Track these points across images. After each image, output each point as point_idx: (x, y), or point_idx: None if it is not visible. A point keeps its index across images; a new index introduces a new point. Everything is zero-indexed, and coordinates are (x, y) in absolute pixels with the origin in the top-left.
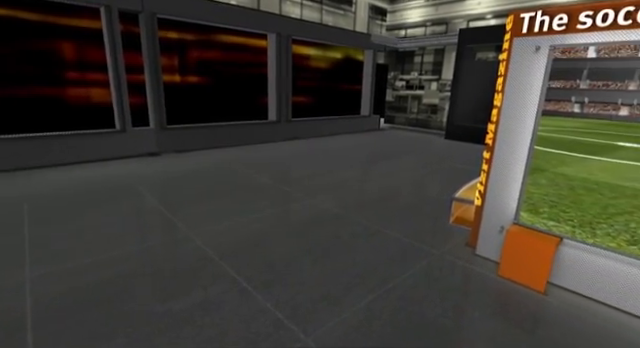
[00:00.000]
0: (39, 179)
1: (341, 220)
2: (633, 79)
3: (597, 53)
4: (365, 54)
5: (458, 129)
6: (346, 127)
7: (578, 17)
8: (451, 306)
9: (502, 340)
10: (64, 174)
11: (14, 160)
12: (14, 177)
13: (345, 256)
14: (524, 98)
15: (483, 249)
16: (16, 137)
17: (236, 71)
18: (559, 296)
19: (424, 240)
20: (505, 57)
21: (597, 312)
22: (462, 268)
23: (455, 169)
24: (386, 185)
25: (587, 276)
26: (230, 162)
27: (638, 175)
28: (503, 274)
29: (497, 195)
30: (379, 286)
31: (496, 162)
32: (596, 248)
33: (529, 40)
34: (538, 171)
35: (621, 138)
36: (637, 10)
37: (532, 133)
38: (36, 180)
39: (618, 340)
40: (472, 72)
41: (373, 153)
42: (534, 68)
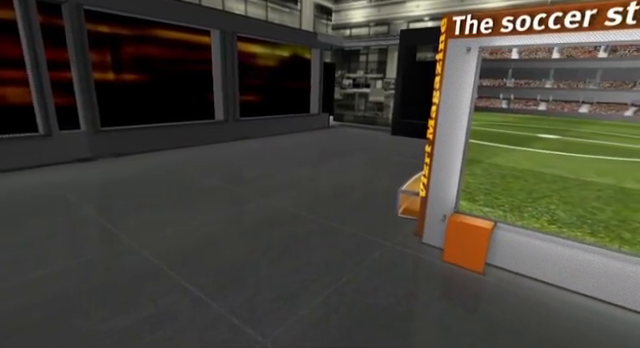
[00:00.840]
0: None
1: (296, 219)
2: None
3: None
4: (312, 53)
5: (403, 125)
6: (296, 125)
7: (501, 22)
8: (403, 293)
9: (449, 320)
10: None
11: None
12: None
13: (301, 254)
14: (459, 95)
15: (429, 237)
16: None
17: (178, 69)
18: (496, 275)
19: (376, 233)
20: (441, 57)
21: (528, 286)
22: (411, 257)
23: (402, 163)
24: (338, 182)
25: (518, 255)
26: (176, 165)
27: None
28: (447, 259)
29: (439, 186)
30: (335, 281)
31: (437, 155)
32: (524, 229)
33: (461, 41)
34: (474, 162)
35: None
36: (548, 17)
37: (467, 127)
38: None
39: (545, 308)
40: (413, 71)
41: (324, 151)
42: (466, 67)
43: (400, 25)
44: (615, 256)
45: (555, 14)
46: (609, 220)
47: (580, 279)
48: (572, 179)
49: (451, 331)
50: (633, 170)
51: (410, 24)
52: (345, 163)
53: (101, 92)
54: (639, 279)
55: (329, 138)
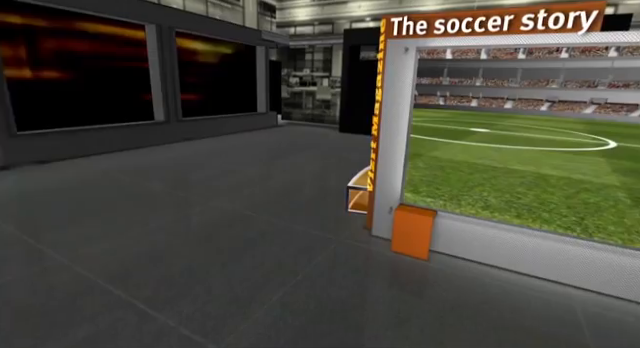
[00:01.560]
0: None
1: (247, 220)
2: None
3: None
4: (257, 50)
5: (350, 122)
6: (243, 125)
7: (434, 24)
8: (355, 286)
9: (399, 307)
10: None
11: None
12: None
13: (254, 256)
14: (399, 93)
15: (378, 229)
16: None
17: (110, 65)
18: (439, 260)
19: (328, 229)
20: (382, 56)
21: (467, 267)
22: (362, 249)
23: (350, 159)
24: (289, 180)
25: (457, 240)
26: (111, 170)
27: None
28: (395, 249)
29: (385, 180)
30: (289, 280)
31: (381, 151)
32: (461, 216)
33: (399, 42)
34: (416, 156)
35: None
36: (474, 21)
37: (408, 123)
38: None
39: (482, 286)
40: (358, 70)
41: (273, 149)
42: (405, 66)
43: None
44: (536, 234)
45: (480, 18)
46: (531, 203)
47: (509, 257)
48: (500, 168)
49: (401, 317)
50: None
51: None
52: (295, 161)
53: (16, 92)
54: (555, 254)
55: (278, 137)
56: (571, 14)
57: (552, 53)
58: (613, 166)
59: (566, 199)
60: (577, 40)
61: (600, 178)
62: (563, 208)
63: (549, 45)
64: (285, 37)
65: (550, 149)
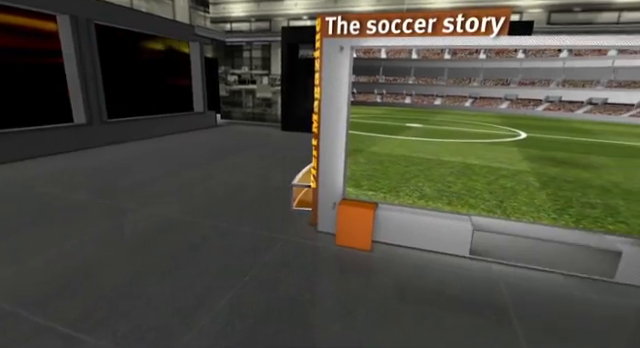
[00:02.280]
0: None
1: (188, 225)
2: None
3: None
4: (191, 47)
5: (292, 120)
6: (180, 125)
7: (366, 24)
8: (303, 282)
9: (346, 298)
10: None
11: None
12: None
13: (197, 263)
14: (337, 91)
15: (323, 225)
16: None
17: (13, 61)
18: (381, 250)
19: (273, 229)
20: (318, 55)
21: (407, 254)
22: (308, 246)
23: (294, 157)
24: (232, 181)
25: (396, 229)
26: (24, 180)
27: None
28: (340, 243)
29: (327, 176)
30: (235, 283)
31: (322, 148)
32: (398, 206)
33: (335, 41)
34: (357, 152)
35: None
36: (402, 23)
37: (346, 120)
38: None
39: (420, 269)
40: (297, 68)
41: (214, 150)
42: (341, 65)
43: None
44: (463, 219)
45: (407, 20)
46: (460, 191)
47: (442, 241)
48: (433, 160)
49: (348, 308)
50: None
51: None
52: (237, 161)
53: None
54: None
55: (218, 137)
56: (484, 19)
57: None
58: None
59: (488, 185)
60: (490, 43)
61: (514, 165)
62: (486, 193)
63: (467, 47)
64: (221, 33)
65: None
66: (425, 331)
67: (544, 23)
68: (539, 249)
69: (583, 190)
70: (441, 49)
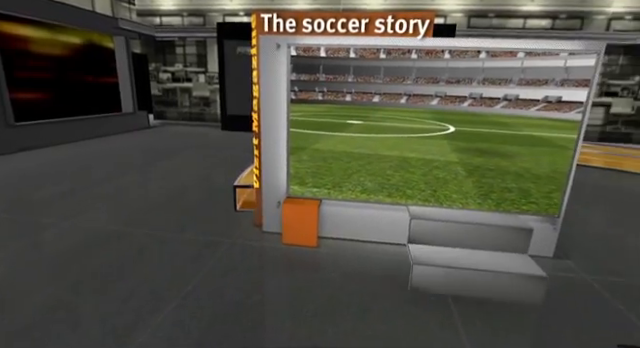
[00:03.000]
0: None
1: (121, 237)
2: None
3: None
4: (115, 41)
5: (233, 120)
6: (107, 128)
7: (302, 23)
8: (252, 284)
9: (294, 295)
10: None
11: None
12: None
13: (133, 277)
14: (276, 89)
15: (268, 225)
16: None
17: None
18: (327, 244)
19: (217, 232)
20: (255, 52)
21: (351, 247)
22: (254, 247)
23: (236, 157)
24: (171, 185)
25: (340, 223)
26: None
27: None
28: (286, 241)
29: (270, 176)
30: (177, 293)
31: (264, 147)
32: (341, 201)
33: (271, 38)
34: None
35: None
36: (337, 22)
37: (287, 118)
38: None
39: (364, 260)
40: (235, 65)
41: (149, 153)
42: (279, 63)
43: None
44: (400, 209)
45: (341, 20)
46: (398, 183)
47: (382, 231)
48: (373, 155)
49: (297, 305)
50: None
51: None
52: (176, 164)
53: None
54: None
55: (152, 139)
56: (411, 21)
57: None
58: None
59: (423, 176)
60: (417, 43)
61: (445, 157)
62: (422, 184)
63: (398, 47)
64: (149, 27)
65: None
66: (371, 319)
67: (465, 27)
68: (467, 232)
69: (502, 177)
70: (377, 49)
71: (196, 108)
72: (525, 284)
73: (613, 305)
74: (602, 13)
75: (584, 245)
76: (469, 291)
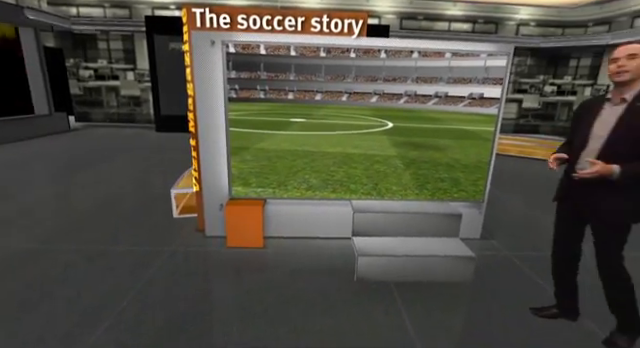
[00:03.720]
0: None
1: (41, 256)
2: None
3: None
4: (22, 33)
5: (168, 120)
6: (15, 132)
7: (237, 19)
8: (197, 292)
9: (242, 298)
10: None
11: None
12: None
13: (57, 299)
14: (212, 87)
15: (211, 229)
16: None
17: None
18: (273, 245)
19: (156, 242)
20: (188, 48)
21: (298, 245)
22: (197, 253)
23: (173, 160)
24: (101, 194)
25: (286, 222)
26: None
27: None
28: (231, 244)
29: (210, 178)
30: (111, 312)
31: (202, 148)
32: (285, 200)
33: (204, 34)
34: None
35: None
36: (273, 19)
37: (225, 117)
38: None
39: (311, 257)
40: (169, 62)
41: (72, 159)
42: (214, 60)
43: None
44: (343, 204)
45: (277, 17)
46: (342, 179)
47: (326, 227)
48: (317, 152)
49: (244, 308)
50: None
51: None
52: (105, 170)
53: None
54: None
55: (75, 143)
56: (346, 21)
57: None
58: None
59: (365, 171)
60: (352, 43)
61: (385, 151)
62: (364, 178)
63: (334, 45)
64: (64, 19)
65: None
66: (320, 313)
67: (398, 28)
68: (406, 221)
69: (435, 168)
70: (317, 47)
71: (125, 108)
72: (457, 265)
73: (529, 275)
74: (512, 19)
75: (506, 226)
76: (409, 276)
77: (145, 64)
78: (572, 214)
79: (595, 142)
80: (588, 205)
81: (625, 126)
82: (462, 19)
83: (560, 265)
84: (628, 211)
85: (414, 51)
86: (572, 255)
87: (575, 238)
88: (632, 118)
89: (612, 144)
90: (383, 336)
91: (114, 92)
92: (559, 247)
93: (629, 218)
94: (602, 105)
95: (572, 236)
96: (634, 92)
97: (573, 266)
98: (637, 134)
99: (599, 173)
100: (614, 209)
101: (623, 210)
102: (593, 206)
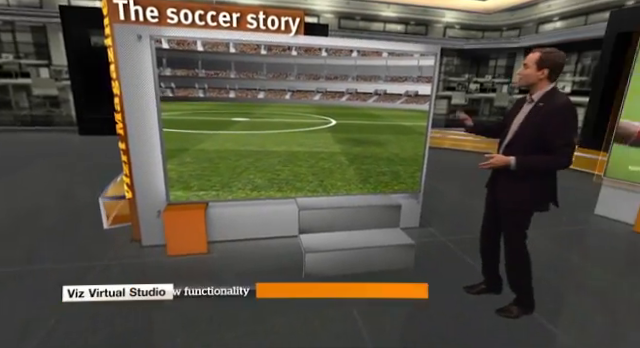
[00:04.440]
0: None
1: None
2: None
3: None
4: None
5: (93, 122)
6: None
7: (166, 12)
8: (132, 308)
9: (186, 309)
10: None
11: None
12: None
13: None
14: (142, 85)
15: (148, 238)
16: None
17: None
18: (218, 249)
19: (85, 256)
20: (110, 43)
21: (244, 247)
22: (134, 266)
23: (101, 166)
24: (17, 207)
25: (230, 225)
26: None
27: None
28: (173, 252)
29: (145, 183)
30: (33, 339)
31: (134, 151)
32: (229, 201)
33: (129, 28)
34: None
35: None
36: (206, 14)
37: (158, 118)
38: None
39: (255, 259)
40: (90, 57)
41: None
42: (142, 57)
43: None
44: (287, 202)
45: (210, 12)
46: (288, 177)
47: (272, 226)
48: (262, 151)
49: (188, 317)
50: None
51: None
52: (20, 180)
53: None
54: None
55: None
56: (282, 18)
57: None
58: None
59: (311, 168)
60: (290, 41)
61: (329, 148)
62: (310, 176)
63: (273, 43)
64: None
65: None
66: (269, 314)
67: (336, 27)
68: (350, 215)
69: (377, 162)
70: (257, 45)
71: (40, 110)
72: (399, 253)
73: (461, 257)
74: (439, 22)
75: (442, 213)
76: (356, 268)
77: (63, 60)
78: (492, 203)
79: (511, 135)
80: (495, 194)
81: (528, 122)
82: (396, 20)
83: (485, 247)
84: (524, 200)
85: (353, 50)
86: (494, 237)
87: (495, 222)
88: (534, 116)
89: (518, 138)
90: (333, 330)
91: (25, 91)
92: (483, 230)
93: (525, 206)
94: (524, 103)
95: (492, 221)
96: (539, 93)
97: (495, 247)
98: (536, 129)
99: (494, 165)
100: (512, 198)
101: (520, 199)
102: (497, 195)
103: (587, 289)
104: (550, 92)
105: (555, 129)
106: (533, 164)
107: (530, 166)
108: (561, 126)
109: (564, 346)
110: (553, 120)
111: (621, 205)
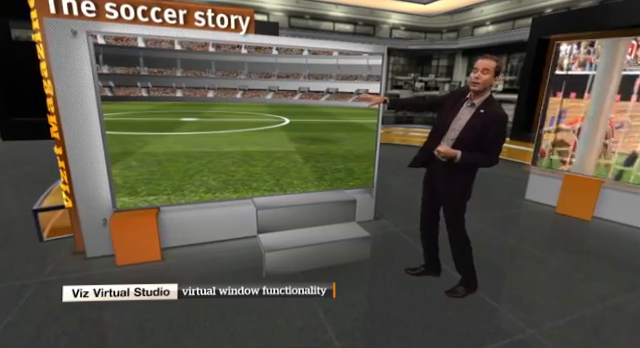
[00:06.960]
0: None
1: None
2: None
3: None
4: None
5: (17, 125)
6: None
7: (104, 7)
8: (80, 326)
9: (142, 319)
10: None
11: None
12: None
13: None
14: (78, 85)
15: (93, 249)
16: None
17: None
18: (173, 255)
19: (17, 275)
20: (40, 38)
21: (202, 251)
22: (77, 280)
23: (32, 174)
24: None
25: (185, 229)
26: None
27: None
28: (122, 262)
29: (86, 190)
30: None
31: (72, 156)
32: (183, 205)
33: (62, 22)
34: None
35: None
36: (149, 10)
37: (100, 119)
38: None
39: (216, 261)
40: (13, 53)
41: None
42: (78, 54)
43: None
44: (244, 203)
45: (155, 8)
46: (243, 178)
47: (229, 228)
48: (214, 152)
49: (145, 329)
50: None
51: None
52: None
53: None
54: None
55: None
56: (232, 17)
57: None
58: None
59: (266, 168)
60: (241, 39)
61: (284, 147)
62: (265, 175)
63: (222, 42)
64: None
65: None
66: (231, 317)
67: (287, 26)
68: (307, 213)
69: (332, 160)
70: (205, 42)
71: None
72: (356, 245)
73: (412, 245)
74: (386, 23)
75: (394, 206)
76: (316, 264)
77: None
78: (429, 194)
79: (452, 133)
80: (434, 185)
81: (470, 126)
82: (345, 20)
83: (425, 233)
84: (457, 194)
85: (304, 49)
86: (432, 224)
87: (432, 212)
88: (475, 120)
89: (462, 138)
90: (297, 325)
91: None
92: (423, 219)
93: (458, 198)
94: (463, 103)
95: (430, 210)
96: (481, 100)
97: (433, 233)
98: (477, 132)
99: (446, 154)
100: (453, 187)
101: (454, 193)
102: (437, 186)
103: (521, 265)
104: (489, 99)
105: (494, 137)
106: (473, 160)
107: (471, 162)
108: (498, 135)
109: (505, 319)
110: (493, 128)
111: (546, 190)
